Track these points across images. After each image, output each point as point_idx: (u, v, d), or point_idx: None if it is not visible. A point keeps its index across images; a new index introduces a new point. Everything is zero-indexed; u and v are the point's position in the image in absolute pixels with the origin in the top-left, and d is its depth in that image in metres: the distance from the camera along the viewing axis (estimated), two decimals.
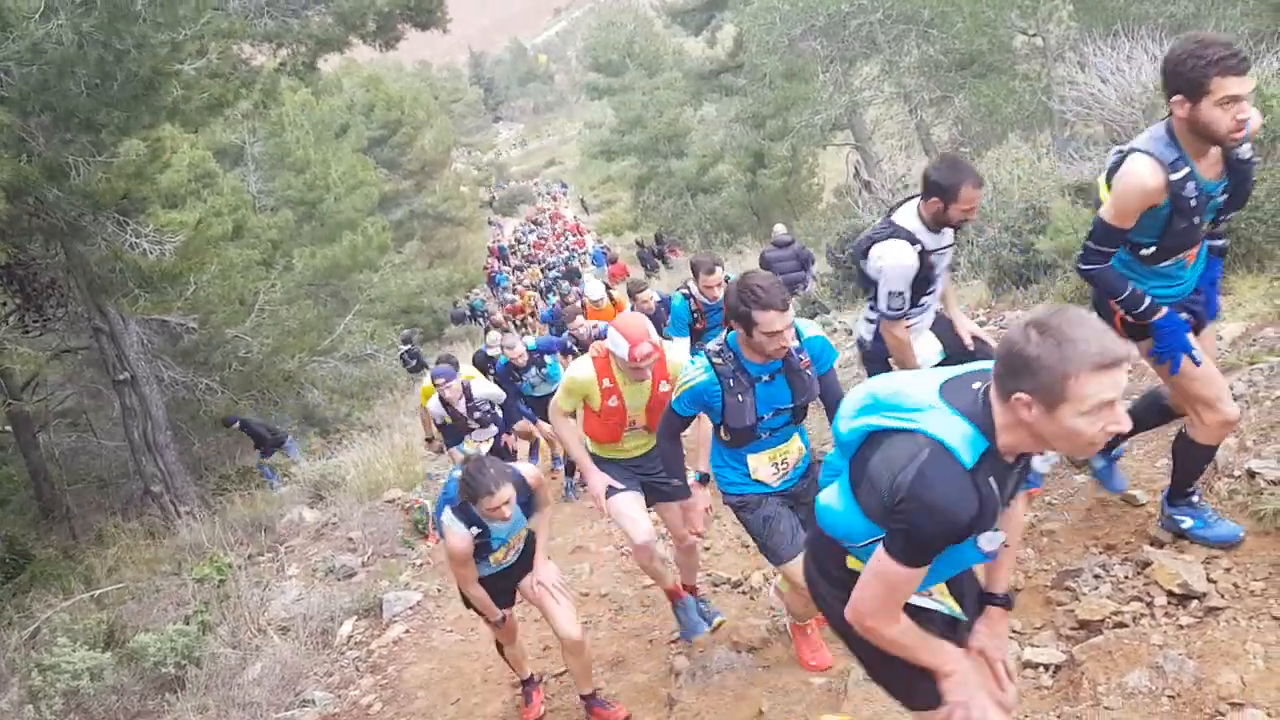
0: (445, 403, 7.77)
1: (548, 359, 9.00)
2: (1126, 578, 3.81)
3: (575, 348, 9.62)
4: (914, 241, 4.15)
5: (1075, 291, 7.02)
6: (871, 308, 4.49)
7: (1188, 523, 3.82)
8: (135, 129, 10.55)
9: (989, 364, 2.14)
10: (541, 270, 34.63)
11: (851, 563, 2.47)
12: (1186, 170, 3.21)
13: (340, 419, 14.92)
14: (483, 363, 10.04)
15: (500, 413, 8.09)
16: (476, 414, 7.80)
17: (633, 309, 8.50)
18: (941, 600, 2.50)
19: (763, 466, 3.88)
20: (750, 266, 18.63)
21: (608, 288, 11.53)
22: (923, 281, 4.27)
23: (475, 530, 4.26)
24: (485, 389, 7.96)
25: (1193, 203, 3.24)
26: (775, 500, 3.93)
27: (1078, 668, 3.51)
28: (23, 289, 12.02)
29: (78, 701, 6.37)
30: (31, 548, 11.39)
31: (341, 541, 8.79)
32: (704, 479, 4.21)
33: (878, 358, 4.56)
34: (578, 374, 4.46)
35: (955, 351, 4.49)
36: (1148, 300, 3.45)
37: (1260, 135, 7.54)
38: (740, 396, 3.68)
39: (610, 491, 4.58)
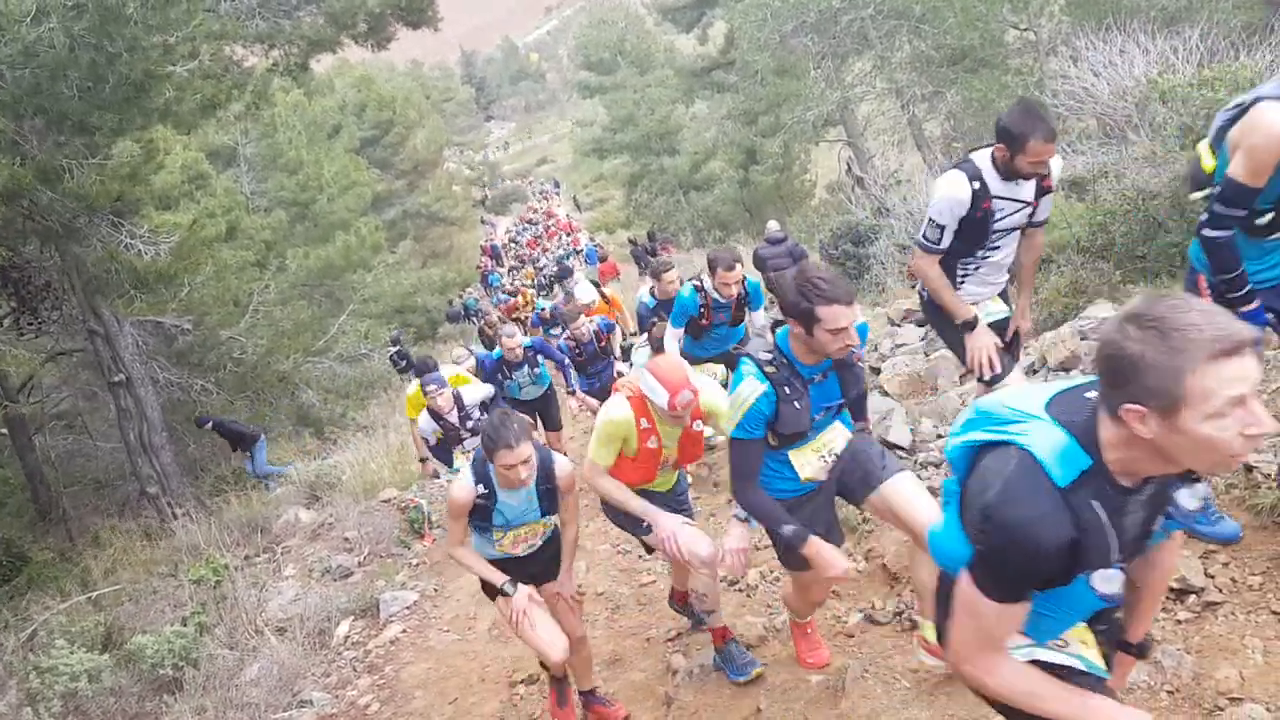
0: (435, 414, 7.25)
1: (540, 359, 8.49)
2: None
3: (577, 350, 8.81)
4: (975, 177, 3.80)
5: (1069, 286, 7.04)
6: None
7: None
8: (128, 131, 10.55)
9: None
10: (535, 270, 34.62)
11: None
12: None
13: (335, 419, 14.90)
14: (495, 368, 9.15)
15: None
16: (470, 423, 7.29)
17: (652, 291, 8.21)
18: (1079, 653, 2.10)
19: (809, 463, 3.56)
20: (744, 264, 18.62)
21: (598, 286, 11.33)
22: (978, 228, 3.90)
23: (481, 488, 3.98)
24: (477, 393, 7.44)
25: None
26: (810, 502, 3.66)
27: None
28: (17, 292, 11.99)
29: (76, 704, 6.36)
30: (28, 550, 11.37)
31: (338, 542, 8.78)
32: (747, 517, 3.75)
33: (933, 305, 4.22)
34: (616, 416, 4.00)
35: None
36: (1249, 285, 3.16)
37: None
38: (796, 403, 3.34)
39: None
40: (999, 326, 4.18)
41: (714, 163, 31.47)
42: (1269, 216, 3.09)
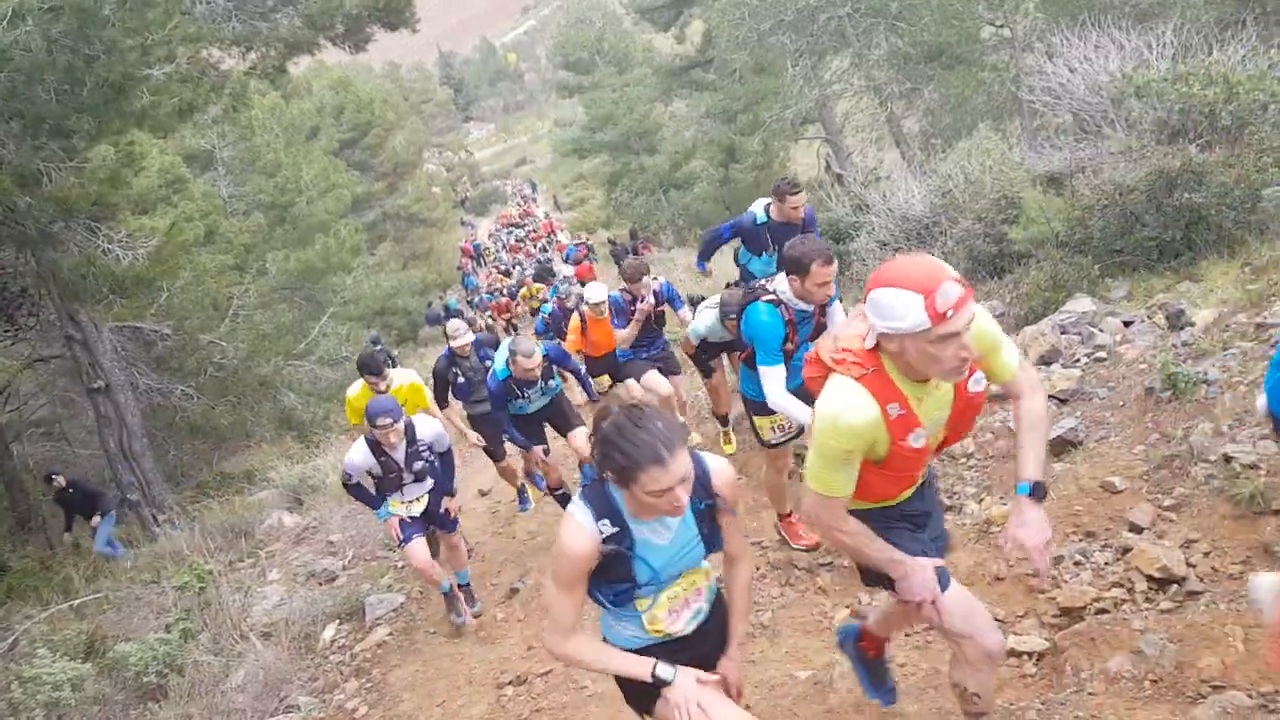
0: (378, 447, 5.75)
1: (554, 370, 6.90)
2: (1107, 564, 3.87)
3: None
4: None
5: (1048, 281, 7.09)
6: None
7: None
8: (105, 134, 10.48)
9: None
10: (507, 275, 34.31)
11: None
12: None
13: (318, 422, 14.83)
14: (446, 371, 7.37)
15: (438, 463, 6.10)
16: (417, 464, 5.88)
17: (627, 300, 7.31)
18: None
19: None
20: (725, 261, 18.68)
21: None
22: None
23: (606, 525, 2.49)
24: (431, 427, 5.95)
25: None
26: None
27: (1061, 655, 3.56)
28: None
29: (59, 713, 6.30)
30: (8, 559, 11.28)
31: (322, 545, 8.75)
32: (1037, 491, 2.68)
33: None
34: (854, 419, 2.47)
35: None
36: None
37: (1227, 122, 7.67)
38: None
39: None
40: None
41: (694, 161, 31.49)
42: None
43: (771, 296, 4.62)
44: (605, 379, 8.23)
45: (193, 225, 13.76)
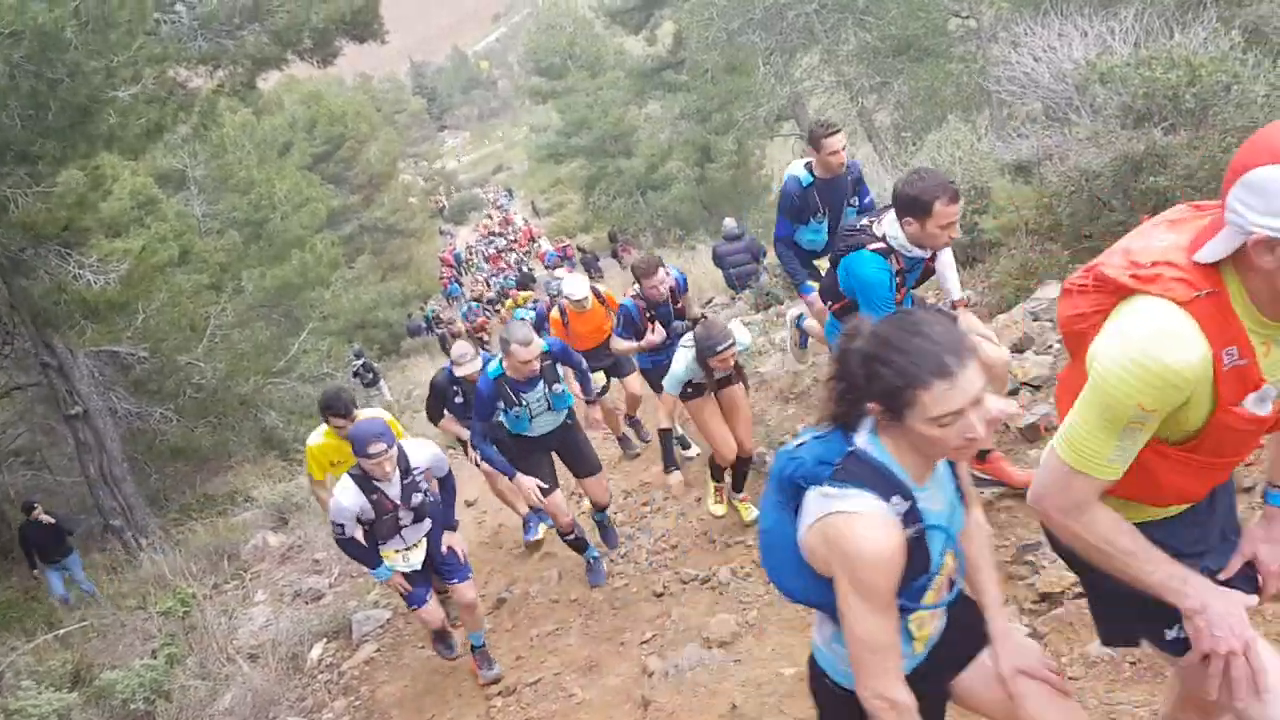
0: (368, 482, 4.83)
1: (559, 369, 5.82)
2: None
3: (647, 313, 6.62)
4: None
5: (1019, 269, 7.13)
6: None
7: None
8: (73, 158, 10.42)
9: None
10: (487, 285, 34.20)
11: None
12: None
13: (300, 440, 14.71)
14: (446, 387, 6.80)
15: (440, 492, 5.26)
16: (415, 497, 4.99)
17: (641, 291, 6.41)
18: None
19: None
20: (703, 262, 18.70)
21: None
22: None
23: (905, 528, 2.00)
24: (426, 451, 5.08)
25: None
26: None
27: (1041, 640, 3.58)
28: None
29: None
30: None
31: (307, 564, 8.72)
32: None
33: None
34: (1176, 353, 1.68)
35: None
36: None
37: (1190, 105, 7.73)
38: None
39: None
40: None
41: (670, 162, 31.53)
42: None
43: (879, 243, 3.97)
44: (600, 376, 7.92)
45: (166, 246, 13.67)
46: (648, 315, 6.49)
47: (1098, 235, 7.02)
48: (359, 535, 5.06)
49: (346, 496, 4.84)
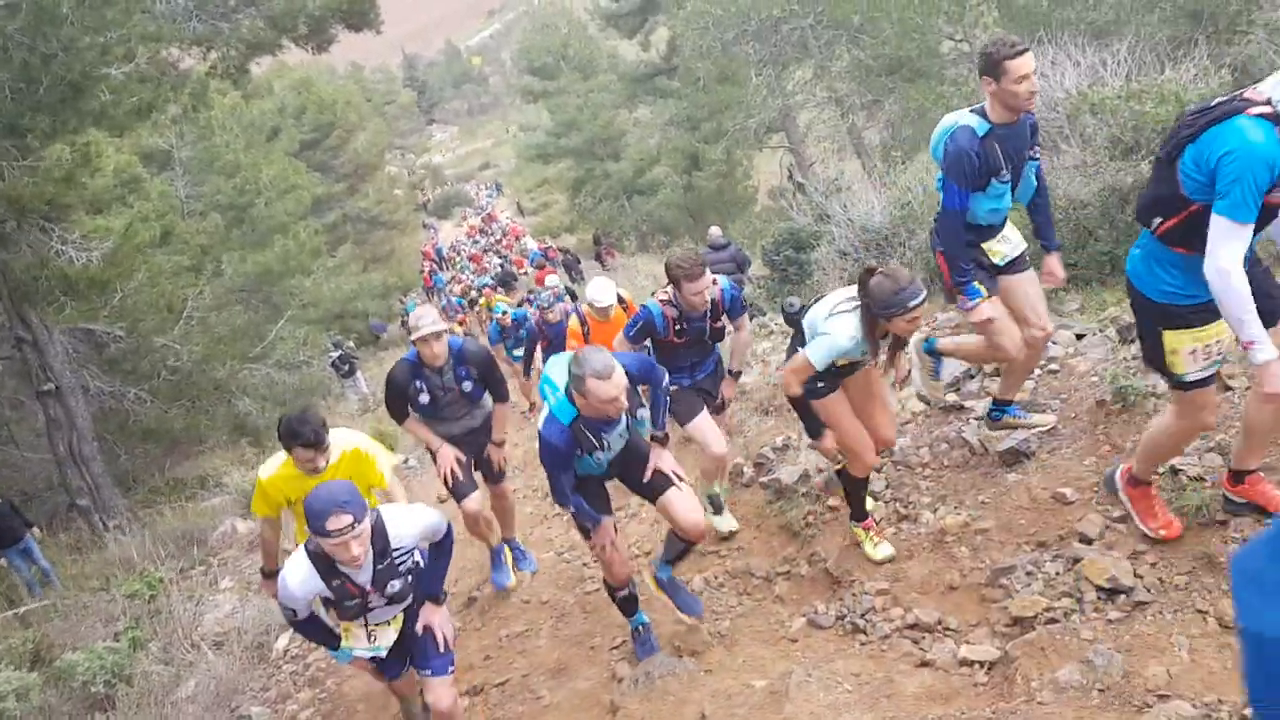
0: (330, 567, 3.63)
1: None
2: (1057, 574, 3.92)
3: (679, 327, 5.21)
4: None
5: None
6: None
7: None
8: (62, 134, 10.32)
9: None
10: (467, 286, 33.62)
11: None
12: None
13: (273, 427, 14.63)
14: (407, 382, 5.39)
15: (430, 557, 4.00)
16: (393, 584, 3.78)
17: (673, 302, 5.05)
18: None
19: None
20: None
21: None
22: None
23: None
24: (415, 524, 3.80)
25: None
26: None
27: (1012, 664, 3.60)
28: None
29: None
30: None
31: None
32: None
33: None
34: None
35: None
36: None
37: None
38: None
39: None
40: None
41: (657, 168, 31.61)
42: None
43: (1264, 108, 2.93)
44: None
45: (148, 226, 13.54)
46: (676, 328, 5.07)
47: (1082, 264, 7.10)
48: (321, 611, 4.04)
49: (297, 578, 3.62)
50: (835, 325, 4.13)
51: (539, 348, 9.74)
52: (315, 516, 3.36)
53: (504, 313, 10.89)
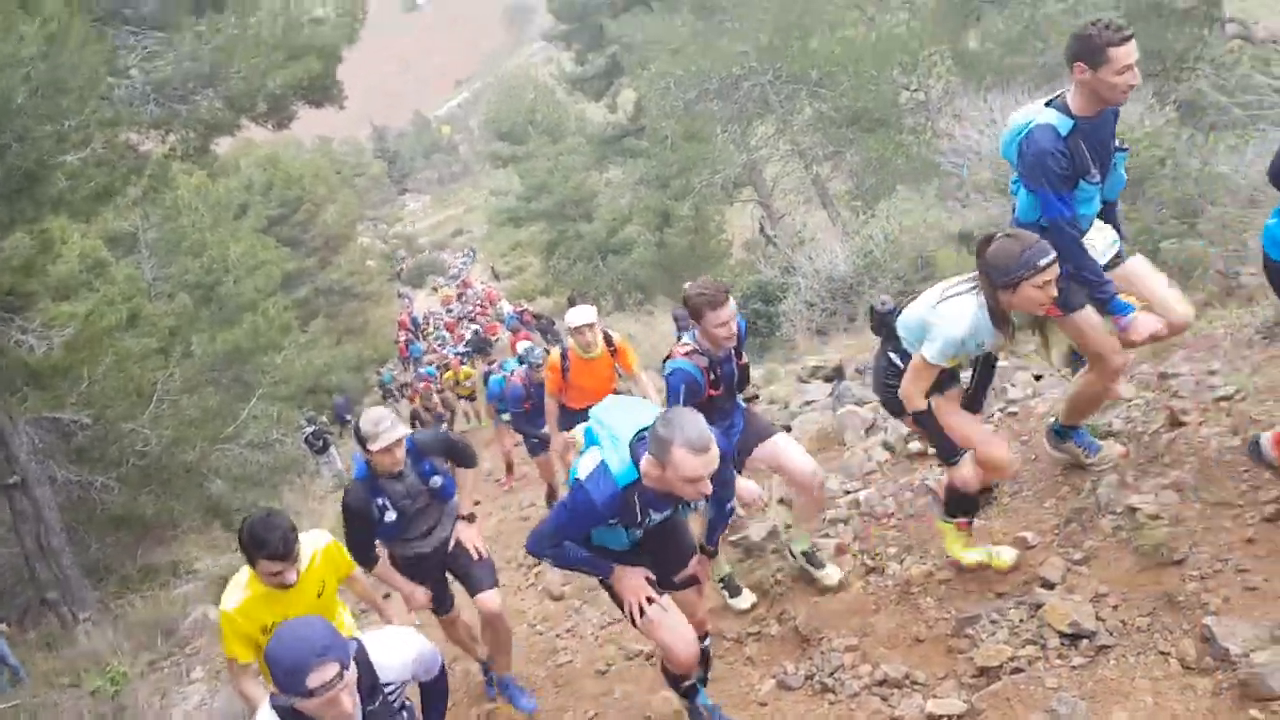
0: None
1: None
2: (1021, 621, 3.88)
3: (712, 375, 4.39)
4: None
5: None
6: None
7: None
8: (20, 222, 10.25)
9: None
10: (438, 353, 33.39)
11: None
12: None
13: (246, 509, 14.43)
14: (366, 504, 4.61)
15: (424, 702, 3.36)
16: None
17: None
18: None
19: None
20: (661, 327, 18.79)
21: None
22: None
23: None
24: (402, 653, 3.07)
25: None
26: None
27: (978, 716, 3.54)
28: None
29: None
30: None
31: None
32: None
33: None
34: None
35: None
36: None
37: (1128, 178, 7.93)
38: None
39: None
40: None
41: (629, 227, 31.83)
42: None
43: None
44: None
45: (115, 310, 13.44)
46: (710, 378, 4.32)
47: None
48: None
49: None
50: (949, 310, 3.58)
51: (524, 410, 9.20)
52: (289, 674, 2.56)
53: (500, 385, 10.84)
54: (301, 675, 2.53)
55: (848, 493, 5.99)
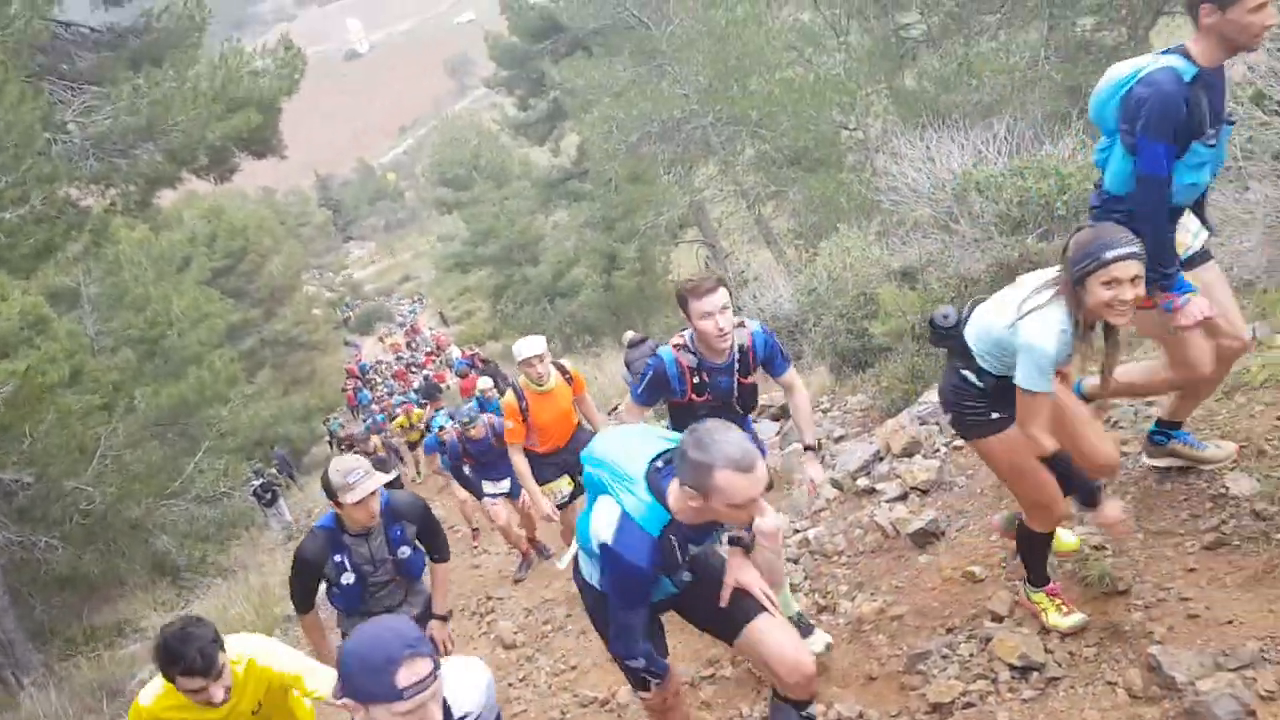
0: None
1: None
2: (972, 655, 3.93)
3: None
4: None
5: (907, 372, 7.34)
6: None
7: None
8: None
9: None
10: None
11: None
12: None
13: (194, 565, 14.18)
14: (324, 558, 4.26)
15: None
16: None
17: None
18: None
19: None
20: (610, 369, 18.81)
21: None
22: None
23: None
24: (480, 684, 3.10)
25: None
26: None
27: None
28: None
29: None
30: None
31: None
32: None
33: None
34: None
35: None
36: None
37: (1062, 212, 8.16)
38: None
39: None
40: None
41: (576, 269, 31.94)
42: None
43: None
44: (565, 482, 6.39)
45: (56, 366, 13.18)
46: (694, 381, 4.05)
47: None
48: None
49: None
50: (1034, 326, 3.14)
51: (465, 466, 8.80)
52: (375, 673, 2.08)
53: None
54: (390, 671, 2.06)
55: (797, 531, 6.04)
